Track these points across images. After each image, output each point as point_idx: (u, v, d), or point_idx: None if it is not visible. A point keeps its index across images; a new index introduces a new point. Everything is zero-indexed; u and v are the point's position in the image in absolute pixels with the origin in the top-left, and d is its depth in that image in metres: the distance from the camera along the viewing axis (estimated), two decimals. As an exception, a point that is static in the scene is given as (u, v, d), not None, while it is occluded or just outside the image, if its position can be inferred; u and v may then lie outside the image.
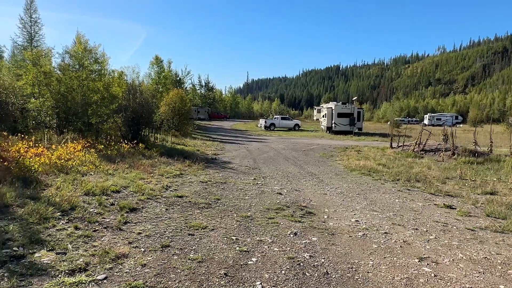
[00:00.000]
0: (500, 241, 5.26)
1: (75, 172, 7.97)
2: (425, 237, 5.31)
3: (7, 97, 13.64)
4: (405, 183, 9.86)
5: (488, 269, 4.19)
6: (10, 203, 5.19)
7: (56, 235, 4.41)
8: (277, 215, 6.16)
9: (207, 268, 3.84)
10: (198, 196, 7.22)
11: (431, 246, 4.92)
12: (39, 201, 5.40)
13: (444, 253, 4.66)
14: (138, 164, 9.96)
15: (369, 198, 7.93)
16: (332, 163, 13.82)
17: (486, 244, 5.10)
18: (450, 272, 4.06)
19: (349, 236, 5.23)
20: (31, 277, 3.35)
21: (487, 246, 5.01)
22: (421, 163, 13.65)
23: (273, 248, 4.55)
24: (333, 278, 3.79)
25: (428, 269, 4.13)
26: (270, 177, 10.13)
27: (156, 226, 5.14)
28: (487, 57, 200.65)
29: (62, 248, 4.05)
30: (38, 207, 5.07)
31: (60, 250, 3.99)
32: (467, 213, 6.88)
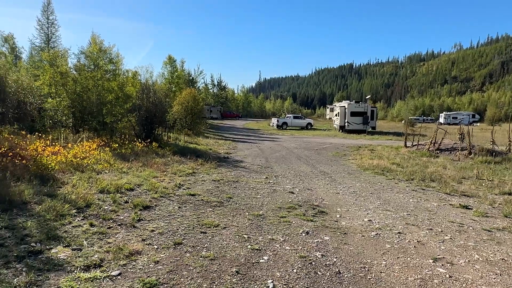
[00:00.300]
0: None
1: (90, 170, 8.12)
2: (440, 238, 5.22)
3: (25, 97, 14.01)
4: (420, 182, 9.70)
5: (506, 271, 4.09)
6: (28, 200, 5.33)
7: (72, 232, 4.50)
8: (289, 214, 6.15)
9: (219, 265, 3.86)
10: (210, 195, 7.26)
11: (446, 247, 4.84)
12: (56, 199, 5.53)
13: (460, 254, 4.58)
14: (151, 162, 10.08)
15: (382, 197, 7.83)
16: (345, 162, 13.71)
17: (504, 246, 4.98)
18: (465, 274, 3.98)
19: (362, 235, 5.18)
20: (48, 272, 3.43)
21: (504, 248, 4.89)
22: (436, 162, 13.41)
23: (285, 247, 4.54)
24: (345, 277, 3.76)
25: (443, 270, 4.06)
26: (282, 176, 10.11)
27: (169, 224, 5.20)
28: (506, 53, 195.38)
29: (78, 245, 4.14)
30: (54, 204, 5.19)
31: (75, 246, 4.08)
32: (484, 213, 6.72)
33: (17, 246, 3.88)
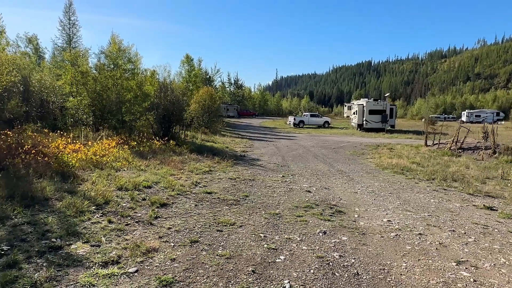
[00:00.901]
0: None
1: (109, 167, 8.26)
2: (463, 240, 5.04)
3: (48, 96, 14.39)
4: (441, 182, 9.43)
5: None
6: (49, 196, 5.46)
7: (91, 228, 4.58)
8: (305, 213, 6.07)
9: (235, 264, 3.84)
10: (226, 193, 7.26)
11: (469, 250, 4.66)
12: (76, 195, 5.64)
13: (485, 257, 4.40)
14: (168, 160, 10.18)
15: (402, 197, 7.64)
16: (363, 161, 13.48)
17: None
18: (491, 278, 3.82)
19: (381, 236, 5.06)
20: (67, 268, 3.50)
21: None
22: (458, 161, 13.01)
23: (302, 247, 4.48)
24: (363, 279, 3.67)
25: (466, 273, 3.91)
26: (299, 175, 10.02)
27: (186, 222, 5.21)
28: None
29: (97, 241, 4.20)
30: (74, 200, 5.29)
31: (94, 243, 4.14)
32: (510, 215, 6.46)
33: (39, 242, 3.97)
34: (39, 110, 13.63)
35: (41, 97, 13.97)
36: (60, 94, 15.31)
